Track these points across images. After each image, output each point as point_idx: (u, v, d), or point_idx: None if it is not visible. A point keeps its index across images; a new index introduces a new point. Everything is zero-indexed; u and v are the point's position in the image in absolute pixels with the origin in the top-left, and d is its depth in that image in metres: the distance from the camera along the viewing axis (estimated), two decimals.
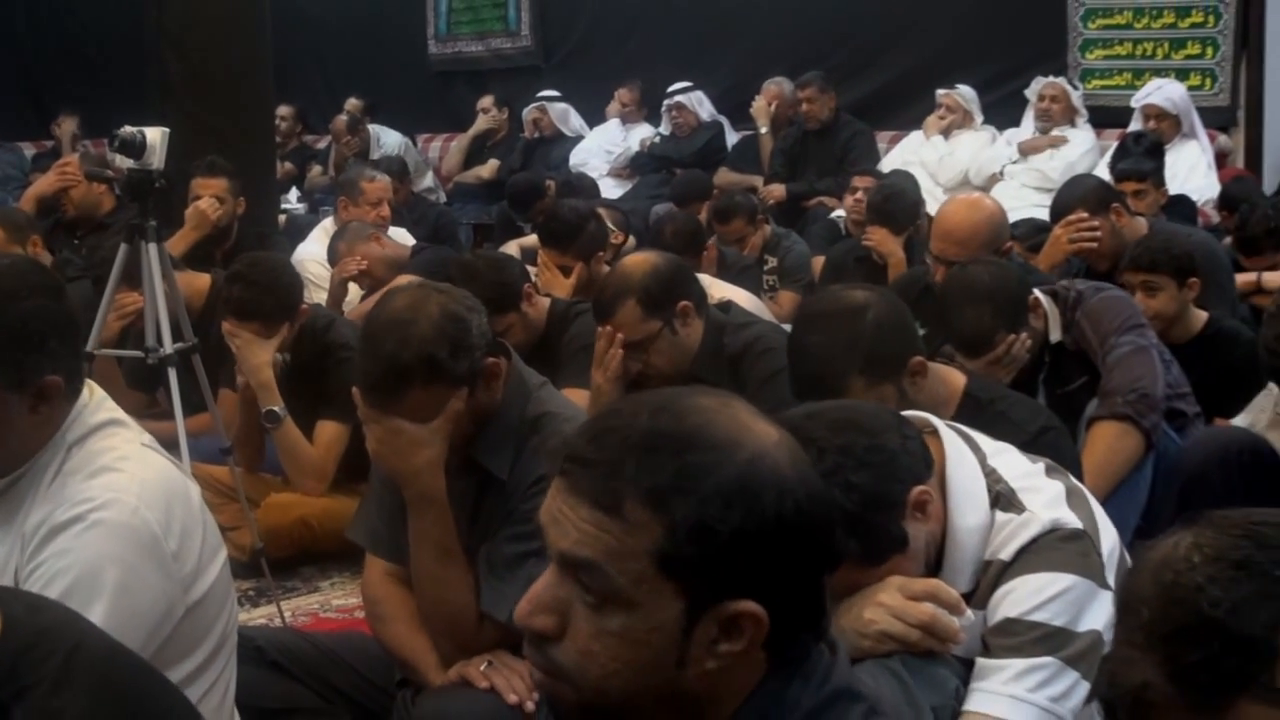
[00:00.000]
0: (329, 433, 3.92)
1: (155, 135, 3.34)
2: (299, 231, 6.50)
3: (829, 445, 1.76)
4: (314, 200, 8.36)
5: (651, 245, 4.98)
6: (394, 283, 4.01)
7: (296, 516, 3.92)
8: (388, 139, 8.92)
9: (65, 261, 5.17)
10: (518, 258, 4.57)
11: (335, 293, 5.22)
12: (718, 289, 4.20)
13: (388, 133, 9.01)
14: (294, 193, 8.61)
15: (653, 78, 8.43)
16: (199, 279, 4.47)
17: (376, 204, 5.78)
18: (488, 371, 2.29)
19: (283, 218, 7.06)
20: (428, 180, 8.74)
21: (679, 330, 3.36)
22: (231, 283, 3.87)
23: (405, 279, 3.93)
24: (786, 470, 1.19)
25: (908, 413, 2.00)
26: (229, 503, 3.74)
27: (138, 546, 1.83)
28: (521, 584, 2.07)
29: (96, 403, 1.96)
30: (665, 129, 8.30)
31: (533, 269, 4.42)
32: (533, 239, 5.49)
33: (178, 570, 1.88)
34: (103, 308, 3.49)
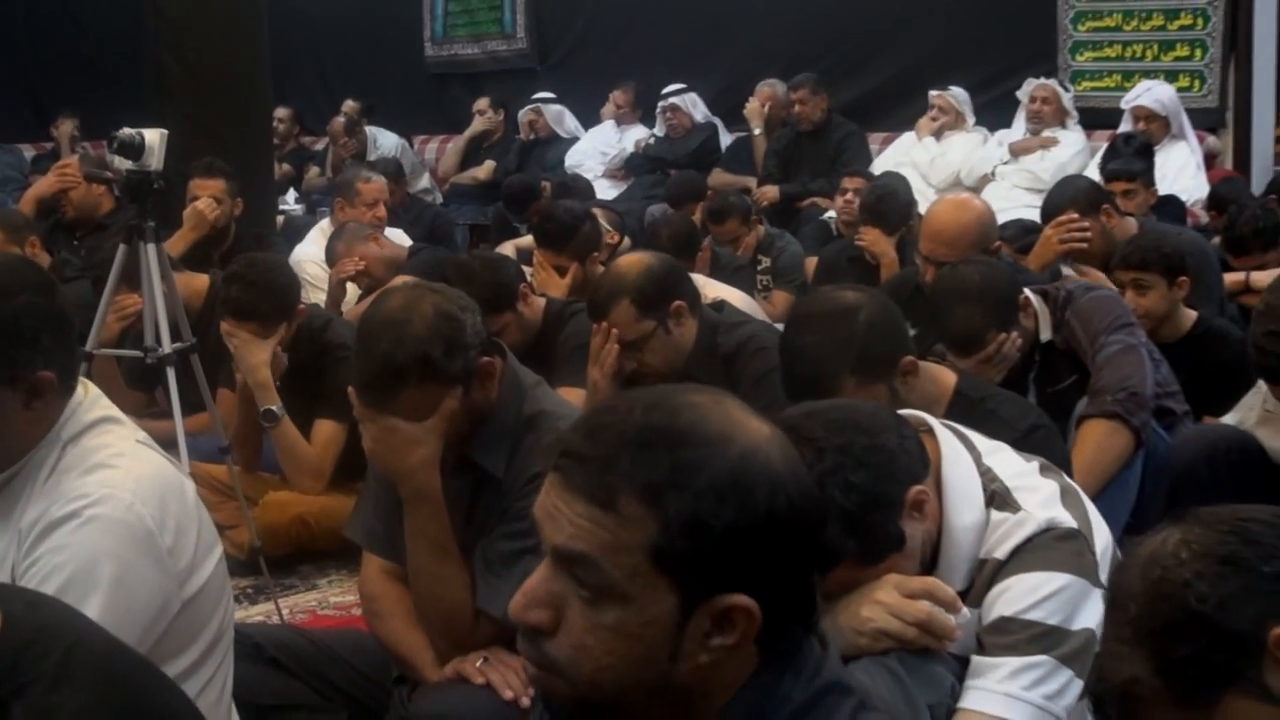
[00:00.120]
0: (326, 432, 3.93)
1: (154, 137, 3.35)
2: (296, 232, 6.50)
3: (828, 445, 1.76)
4: (311, 201, 8.35)
5: (647, 247, 4.98)
6: (391, 283, 4.02)
7: (294, 515, 3.93)
8: (384, 140, 8.92)
9: (64, 262, 5.17)
10: (513, 258, 4.57)
11: (334, 293, 5.21)
12: (711, 289, 4.21)
13: (384, 134, 9.01)
14: (291, 194, 8.60)
15: (647, 80, 8.44)
16: (197, 279, 4.47)
17: (372, 205, 5.77)
18: (482, 370, 2.29)
19: (280, 219, 7.06)
20: (424, 181, 8.73)
21: (673, 330, 3.37)
22: (229, 283, 3.87)
23: (403, 279, 3.95)
24: (778, 466, 1.20)
25: (903, 411, 2.00)
26: (227, 501, 3.76)
27: (133, 542, 1.84)
28: (517, 581, 2.04)
29: (91, 400, 1.97)
30: (660, 130, 8.30)
31: (528, 269, 4.42)
32: (528, 239, 5.50)
33: (173, 565, 1.88)
34: (101, 308, 3.49)
